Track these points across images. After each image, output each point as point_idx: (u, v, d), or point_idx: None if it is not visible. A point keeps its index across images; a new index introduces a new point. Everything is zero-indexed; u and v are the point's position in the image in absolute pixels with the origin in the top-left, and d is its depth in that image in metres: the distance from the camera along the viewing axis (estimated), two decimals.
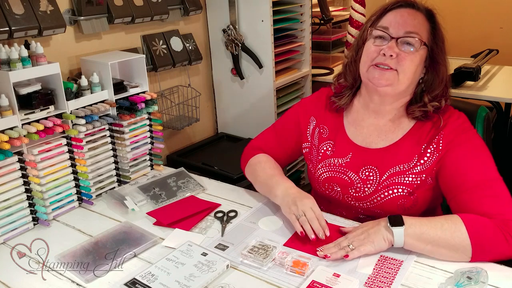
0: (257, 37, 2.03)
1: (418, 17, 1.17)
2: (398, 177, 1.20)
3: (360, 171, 1.25)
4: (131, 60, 1.58)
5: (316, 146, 1.34)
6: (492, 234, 1.03)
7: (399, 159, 1.21)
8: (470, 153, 1.14)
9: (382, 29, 1.17)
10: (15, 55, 1.22)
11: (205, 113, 2.27)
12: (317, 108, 1.37)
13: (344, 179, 1.27)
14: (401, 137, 1.23)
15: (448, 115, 1.21)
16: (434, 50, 1.18)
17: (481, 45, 2.91)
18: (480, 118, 1.34)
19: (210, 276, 1.04)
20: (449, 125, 1.18)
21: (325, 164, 1.31)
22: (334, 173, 1.29)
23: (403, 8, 1.18)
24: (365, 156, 1.25)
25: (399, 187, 1.20)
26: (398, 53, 1.14)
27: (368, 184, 1.23)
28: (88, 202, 1.44)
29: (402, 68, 1.14)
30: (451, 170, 1.15)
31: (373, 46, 1.18)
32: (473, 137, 1.17)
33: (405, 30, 1.15)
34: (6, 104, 1.21)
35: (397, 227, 1.06)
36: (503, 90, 2.24)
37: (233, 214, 1.33)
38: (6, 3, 1.35)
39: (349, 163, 1.27)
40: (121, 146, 1.54)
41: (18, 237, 1.28)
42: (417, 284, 1.01)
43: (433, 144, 1.18)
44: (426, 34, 1.17)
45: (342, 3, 3.12)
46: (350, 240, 1.10)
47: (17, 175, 1.25)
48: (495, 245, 1.03)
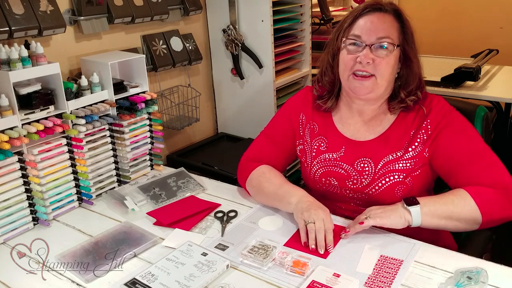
0: (257, 37, 2.03)
1: (387, 20, 1.20)
2: (392, 164, 1.24)
3: (355, 163, 1.28)
4: (131, 60, 1.58)
5: (308, 142, 1.36)
6: (498, 201, 1.13)
7: (390, 147, 1.25)
8: (459, 132, 1.21)
9: (354, 37, 1.20)
10: (15, 55, 1.22)
11: (205, 113, 2.27)
12: (305, 106, 1.39)
13: (340, 172, 1.29)
14: (387, 128, 1.28)
15: (429, 101, 1.26)
16: (406, 48, 1.22)
17: (481, 45, 2.91)
18: (478, 117, 1.36)
19: (210, 276, 1.04)
20: (433, 110, 1.24)
21: (320, 160, 1.33)
22: (330, 168, 1.31)
23: (371, 13, 1.21)
24: (358, 149, 1.28)
25: (395, 173, 1.24)
26: (373, 58, 1.18)
27: (364, 175, 1.27)
28: (88, 202, 1.44)
29: (379, 73, 1.19)
30: (445, 151, 1.21)
31: (348, 55, 1.21)
32: (457, 116, 1.24)
33: (377, 36, 1.18)
34: (6, 104, 1.21)
35: (413, 206, 1.14)
36: (503, 90, 2.24)
37: (233, 214, 1.33)
38: (6, 3, 1.35)
39: (343, 156, 1.29)
40: (121, 146, 1.54)
41: (18, 237, 1.28)
42: (417, 284, 1.02)
43: (422, 129, 1.23)
44: (397, 34, 1.20)
45: (342, 3, 3.12)
46: (367, 214, 1.16)
47: (17, 175, 1.25)
48: (501, 211, 1.14)
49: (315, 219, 1.16)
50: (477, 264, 1.06)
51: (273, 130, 1.44)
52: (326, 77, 1.32)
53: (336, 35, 1.27)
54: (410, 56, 1.22)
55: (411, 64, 1.23)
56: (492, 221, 1.15)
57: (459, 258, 1.10)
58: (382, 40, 1.18)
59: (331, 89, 1.33)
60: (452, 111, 1.25)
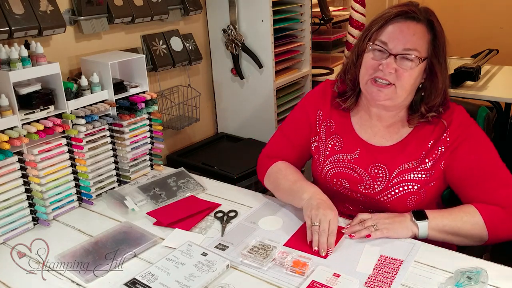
0: (257, 37, 2.03)
1: (418, 31, 1.15)
2: (408, 174, 1.22)
3: (369, 168, 1.26)
4: (131, 60, 1.58)
5: (323, 140, 1.34)
6: (506, 222, 1.13)
7: (407, 156, 1.23)
8: (476, 146, 1.19)
9: (381, 44, 1.16)
10: (15, 55, 1.22)
11: (205, 113, 2.27)
12: (323, 102, 1.36)
13: (353, 175, 1.28)
14: (405, 136, 1.25)
15: (450, 112, 1.22)
16: (433, 62, 1.17)
17: (481, 45, 2.91)
18: (480, 118, 1.36)
19: (210, 276, 1.04)
20: (454, 122, 1.21)
21: (333, 160, 1.31)
22: (342, 169, 1.29)
23: (403, 20, 1.15)
24: (374, 153, 1.26)
25: (409, 183, 1.22)
26: (396, 69, 1.14)
27: (378, 181, 1.25)
28: (88, 202, 1.44)
29: (400, 83, 1.15)
30: (461, 165, 1.19)
31: (371, 60, 1.17)
32: (477, 130, 1.22)
33: (404, 47, 1.13)
34: (6, 104, 1.21)
35: (421, 220, 1.14)
36: (503, 90, 2.24)
37: (233, 214, 1.33)
38: (6, 3, 1.35)
39: (358, 159, 1.27)
40: (121, 146, 1.54)
41: (18, 237, 1.28)
42: (417, 284, 1.02)
43: (441, 141, 1.21)
44: (426, 46, 1.15)
45: (342, 3, 3.12)
46: (375, 221, 1.17)
47: (17, 175, 1.25)
48: (508, 232, 1.14)
49: (322, 220, 1.14)
50: (477, 264, 1.06)
51: (289, 126, 1.42)
52: (349, 75, 1.28)
53: (363, 36, 1.22)
54: (436, 71, 1.17)
55: (435, 79, 1.18)
56: (498, 240, 1.16)
57: (459, 258, 1.10)
58: (408, 52, 1.13)
59: (352, 88, 1.29)
60: (472, 124, 1.22)
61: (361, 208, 1.31)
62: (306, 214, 1.20)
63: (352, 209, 1.32)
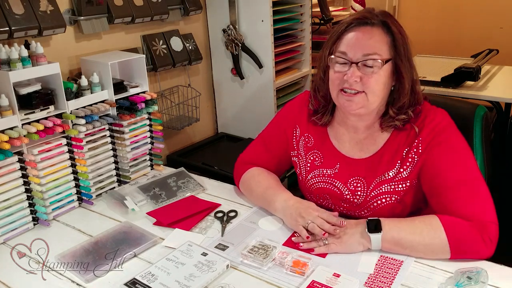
0: (257, 37, 2.03)
1: (375, 34, 1.12)
2: (385, 185, 1.20)
3: (348, 182, 1.24)
4: (131, 60, 1.58)
5: (302, 156, 1.33)
6: (471, 237, 1.05)
7: (384, 167, 1.20)
8: (448, 154, 1.13)
9: (340, 55, 1.14)
10: (15, 55, 1.22)
11: (205, 113, 2.27)
12: (300, 117, 1.34)
13: (334, 190, 1.26)
14: (381, 147, 1.22)
15: (422, 118, 1.18)
16: (397, 63, 1.14)
17: (481, 45, 2.91)
18: (478, 117, 1.33)
19: (210, 276, 1.04)
20: (426, 128, 1.16)
21: (314, 175, 1.30)
22: (324, 184, 1.28)
23: (357, 27, 1.13)
24: (352, 167, 1.24)
25: (388, 195, 1.20)
26: (361, 76, 1.11)
27: (356, 195, 1.23)
28: (88, 202, 1.44)
29: (369, 90, 1.12)
30: (430, 171, 1.15)
31: (336, 73, 1.15)
32: (451, 137, 1.15)
33: (363, 53, 1.11)
34: (6, 104, 1.21)
35: (375, 233, 1.09)
36: (503, 90, 2.24)
37: (233, 214, 1.33)
38: (6, 3, 1.35)
39: (337, 174, 1.26)
40: (121, 146, 1.54)
41: (18, 237, 1.28)
42: (417, 284, 1.02)
43: (413, 148, 1.17)
44: (386, 48, 1.13)
45: (342, 3, 3.12)
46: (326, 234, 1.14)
47: (17, 175, 1.25)
48: (473, 248, 1.05)
49: (312, 220, 1.15)
50: (477, 264, 1.06)
51: (268, 136, 1.42)
52: (320, 92, 1.27)
53: (324, 50, 1.20)
54: (401, 71, 1.14)
55: (402, 79, 1.15)
56: (461, 255, 1.07)
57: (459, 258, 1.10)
58: (368, 57, 1.10)
59: (325, 104, 1.28)
60: (448, 129, 1.16)
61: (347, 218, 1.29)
62: (292, 225, 1.21)
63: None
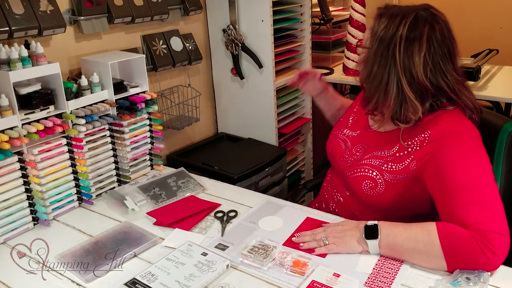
0: (257, 37, 2.03)
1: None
2: (375, 160, 1.23)
3: (355, 146, 1.32)
4: (131, 60, 1.58)
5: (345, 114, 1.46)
6: (467, 246, 0.97)
7: (383, 145, 1.24)
8: (456, 156, 1.08)
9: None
10: (15, 55, 1.22)
11: (205, 113, 2.27)
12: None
13: (341, 147, 1.36)
14: (395, 128, 1.23)
15: (441, 116, 1.15)
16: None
17: (481, 45, 2.90)
18: (505, 133, 1.24)
19: (210, 276, 1.04)
20: (439, 125, 1.14)
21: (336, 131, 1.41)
22: (338, 141, 1.38)
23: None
24: (366, 137, 1.31)
25: (371, 168, 1.22)
26: None
27: (353, 158, 1.30)
28: (88, 202, 1.44)
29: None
30: (436, 172, 1.10)
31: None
32: (463, 139, 1.10)
33: None
34: (6, 104, 1.21)
35: (371, 239, 1.09)
36: (503, 90, 2.24)
37: (233, 214, 1.33)
38: (6, 3, 1.35)
39: (355, 137, 1.34)
40: (121, 146, 1.54)
41: (18, 237, 1.28)
42: (417, 284, 1.02)
43: (418, 138, 1.15)
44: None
45: (342, 3, 3.12)
46: (326, 234, 1.15)
47: (17, 175, 1.25)
48: (469, 258, 0.98)
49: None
50: None
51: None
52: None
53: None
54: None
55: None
56: (458, 265, 1.01)
57: None
58: None
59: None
60: (462, 133, 1.11)
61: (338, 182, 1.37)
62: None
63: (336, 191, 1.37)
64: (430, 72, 1.11)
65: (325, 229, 1.17)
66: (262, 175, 1.94)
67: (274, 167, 2.01)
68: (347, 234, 1.13)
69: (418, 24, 1.11)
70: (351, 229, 1.13)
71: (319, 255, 1.12)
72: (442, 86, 1.13)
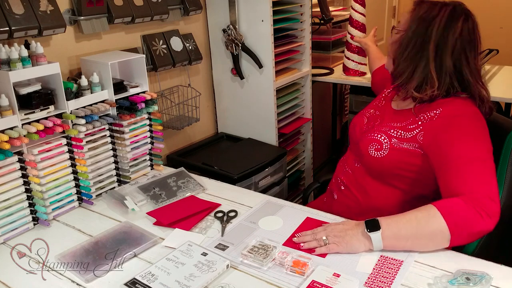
0: (257, 37, 2.03)
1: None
2: (388, 128, 1.31)
3: (374, 119, 1.40)
4: (131, 60, 1.58)
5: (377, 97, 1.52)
6: (466, 212, 1.04)
7: (398, 118, 1.32)
8: (460, 132, 1.17)
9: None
10: (15, 55, 1.22)
11: (205, 113, 2.27)
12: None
13: (363, 121, 1.43)
14: (409, 108, 1.31)
15: (452, 101, 1.23)
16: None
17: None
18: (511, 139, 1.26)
19: (210, 276, 1.04)
20: (451, 106, 1.22)
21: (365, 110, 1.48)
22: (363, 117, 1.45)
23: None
24: (386, 113, 1.38)
25: (382, 134, 1.30)
26: None
27: (369, 126, 1.39)
28: (88, 202, 1.44)
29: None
30: (438, 145, 1.18)
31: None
32: (469, 120, 1.19)
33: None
34: (6, 104, 1.21)
35: (374, 232, 1.09)
36: (503, 90, 2.24)
37: (233, 214, 1.33)
38: (6, 3, 1.35)
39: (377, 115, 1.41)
40: (121, 146, 1.54)
41: (18, 237, 1.28)
42: (417, 284, 1.02)
43: (429, 113, 1.24)
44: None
45: (342, 3, 3.12)
46: (327, 233, 1.15)
47: (17, 175, 1.25)
48: (471, 223, 1.04)
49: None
50: (478, 264, 1.06)
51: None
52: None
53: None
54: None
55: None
56: (462, 233, 1.05)
57: (459, 258, 1.10)
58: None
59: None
60: (470, 116, 1.20)
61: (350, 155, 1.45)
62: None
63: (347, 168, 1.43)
64: (457, 55, 1.22)
65: (325, 229, 1.17)
66: (262, 175, 1.95)
67: (274, 167, 2.01)
68: (348, 233, 1.13)
69: (456, 13, 1.24)
70: (352, 228, 1.14)
71: (319, 255, 1.12)
72: (463, 70, 1.22)
